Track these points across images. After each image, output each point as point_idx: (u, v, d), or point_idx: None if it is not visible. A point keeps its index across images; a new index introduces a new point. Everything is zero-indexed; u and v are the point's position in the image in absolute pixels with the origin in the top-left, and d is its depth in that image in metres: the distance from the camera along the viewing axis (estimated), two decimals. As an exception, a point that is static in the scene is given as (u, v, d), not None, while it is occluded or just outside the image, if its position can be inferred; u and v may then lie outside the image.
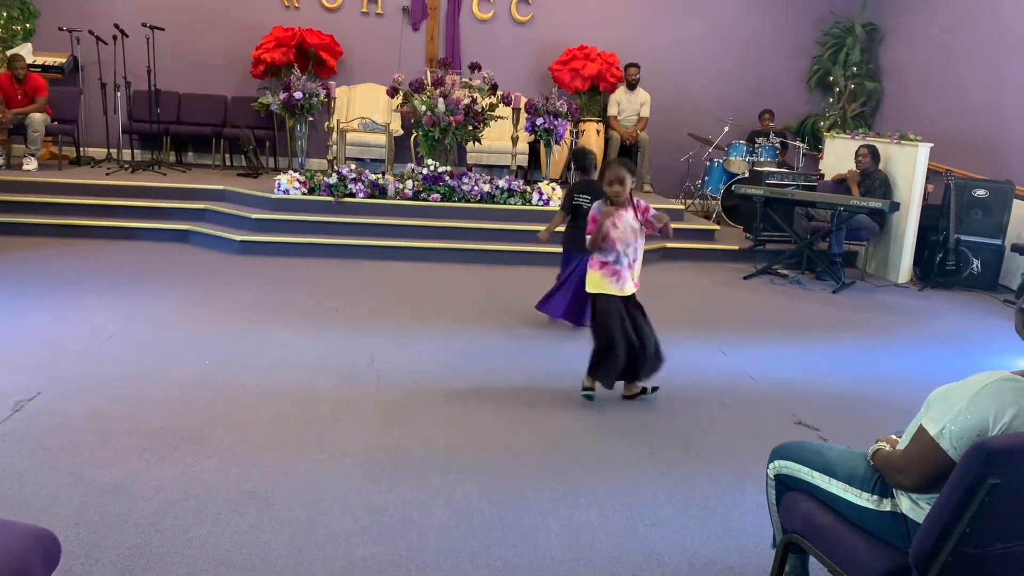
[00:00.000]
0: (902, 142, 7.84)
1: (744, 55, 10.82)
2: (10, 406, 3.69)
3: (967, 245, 7.68)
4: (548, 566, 2.71)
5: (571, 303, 5.26)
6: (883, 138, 8.15)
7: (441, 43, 10.42)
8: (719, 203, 9.60)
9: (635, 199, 4.09)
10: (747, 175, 9.05)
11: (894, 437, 2.26)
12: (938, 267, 7.70)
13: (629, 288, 4.09)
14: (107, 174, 8.23)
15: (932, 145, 7.76)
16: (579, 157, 5.56)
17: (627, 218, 4.03)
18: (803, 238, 7.78)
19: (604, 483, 3.33)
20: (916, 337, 5.95)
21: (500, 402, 4.08)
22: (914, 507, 2.04)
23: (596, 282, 4.09)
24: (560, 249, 5.55)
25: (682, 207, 9.01)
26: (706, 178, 9.95)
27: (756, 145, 9.58)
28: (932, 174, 7.97)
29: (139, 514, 2.86)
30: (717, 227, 8.68)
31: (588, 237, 4.05)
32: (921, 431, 1.99)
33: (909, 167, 7.72)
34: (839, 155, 8.52)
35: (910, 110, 9.76)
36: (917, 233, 7.83)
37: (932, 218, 7.86)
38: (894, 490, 2.11)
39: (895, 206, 7.35)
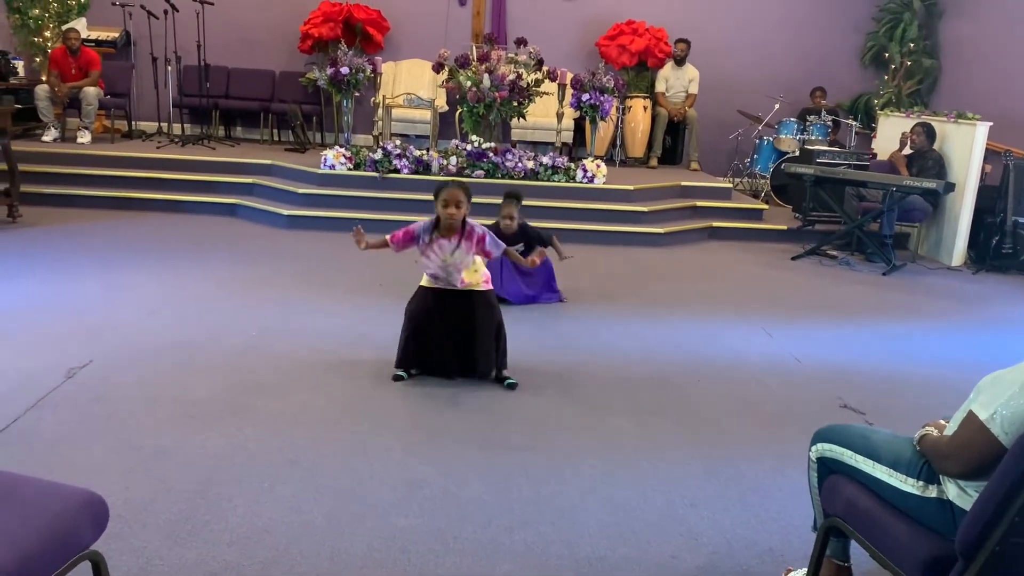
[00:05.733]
0: (959, 121, 7.61)
1: (796, 31, 10.57)
2: (63, 373, 3.79)
3: (1025, 228, 7.45)
4: (585, 543, 2.71)
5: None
6: (939, 117, 7.92)
7: (488, 18, 10.36)
8: (768, 182, 9.45)
9: (469, 225, 3.92)
10: (797, 153, 8.88)
11: (942, 422, 2.21)
12: (994, 250, 7.48)
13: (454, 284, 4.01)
14: (158, 148, 8.38)
15: (991, 124, 7.53)
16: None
17: (448, 248, 3.90)
18: (854, 219, 7.62)
19: (643, 462, 3.31)
20: (968, 321, 5.80)
21: (541, 380, 4.08)
22: (961, 494, 1.99)
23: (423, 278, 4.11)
24: None
25: (730, 185, 8.87)
26: (755, 156, 9.79)
27: (807, 123, 9.39)
28: (991, 154, 7.73)
29: (185, 481, 2.93)
30: (765, 206, 8.54)
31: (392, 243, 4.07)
32: (971, 416, 1.94)
33: (966, 147, 7.49)
34: (893, 134, 8.30)
35: (968, 88, 9.46)
36: (973, 215, 7.61)
37: (989, 200, 7.62)
38: (940, 476, 2.06)
39: (950, 187, 7.15)
